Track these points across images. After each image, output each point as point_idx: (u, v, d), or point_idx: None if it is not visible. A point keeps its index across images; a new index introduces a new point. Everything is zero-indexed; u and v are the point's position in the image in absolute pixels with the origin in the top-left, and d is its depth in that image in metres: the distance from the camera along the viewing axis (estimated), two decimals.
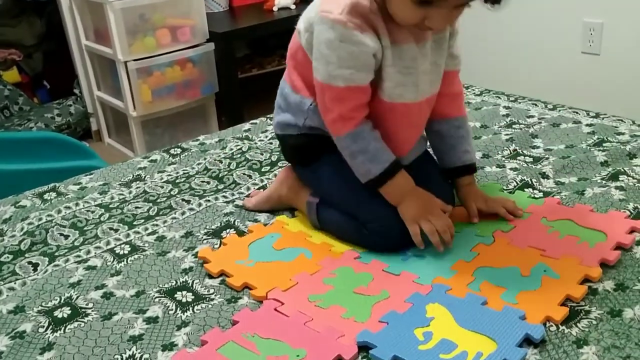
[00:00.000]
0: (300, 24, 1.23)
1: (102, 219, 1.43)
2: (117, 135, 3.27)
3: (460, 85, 1.33)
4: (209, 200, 1.46)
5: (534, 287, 1.04)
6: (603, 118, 1.70)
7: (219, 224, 1.35)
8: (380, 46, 1.13)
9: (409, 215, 1.17)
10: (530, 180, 1.42)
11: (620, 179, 1.38)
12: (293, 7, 3.18)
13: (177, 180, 1.58)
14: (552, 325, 0.97)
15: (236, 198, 1.47)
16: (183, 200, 1.48)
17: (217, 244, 1.28)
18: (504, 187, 1.40)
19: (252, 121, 1.92)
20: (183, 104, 3.00)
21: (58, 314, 1.10)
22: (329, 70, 1.13)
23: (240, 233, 1.31)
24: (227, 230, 1.33)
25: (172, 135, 3.07)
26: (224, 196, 1.48)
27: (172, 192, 1.52)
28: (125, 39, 2.75)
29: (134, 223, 1.40)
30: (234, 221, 1.36)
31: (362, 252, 1.20)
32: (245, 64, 3.39)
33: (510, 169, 1.48)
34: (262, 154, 1.67)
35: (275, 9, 3.17)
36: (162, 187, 1.55)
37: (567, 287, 1.02)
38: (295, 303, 1.05)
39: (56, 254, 1.30)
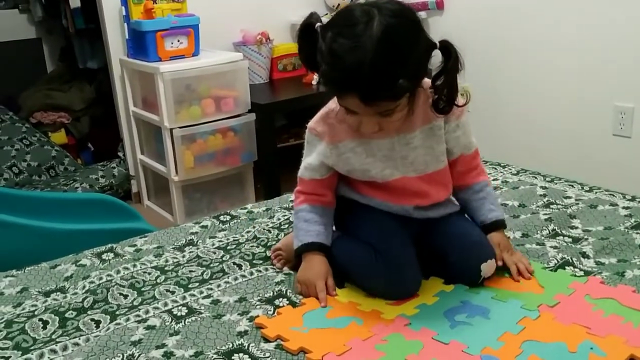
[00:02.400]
0: None
1: (158, 280, 1.50)
2: (156, 197, 3.38)
3: (475, 161, 1.49)
4: (260, 271, 1.52)
5: None
6: (639, 202, 1.76)
7: (271, 293, 1.41)
8: (328, 151, 1.41)
9: (298, 275, 1.42)
10: (571, 259, 1.47)
11: None
12: None
13: (228, 247, 1.65)
14: None
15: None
16: (234, 264, 1.55)
17: (270, 310, 1.34)
18: (545, 265, 1.45)
19: None
20: (222, 170, 3.10)
21: None
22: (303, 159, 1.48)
23: (293, 303, 1.37)
24: (280, 299, 1.39)
25: (210, 200, 3.17)
26: (272, 267, 1.54)
27: (223, 258, 1.59)
28: (172, 108, 2.89)
29: (189, 286, 1.46)
30: (286, 291, 1.42)
31: (412, 319, 1.26)
32: (283, 133, 3.51)
33: (551, 247, 1.54)
34: None
35: (314, 82, 3.30)
36: (214, 252, 1.63)
37: None
38: None
39: (117, 312, 1.37)
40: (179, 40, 2.97)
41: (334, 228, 1.50)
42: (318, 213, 1.45)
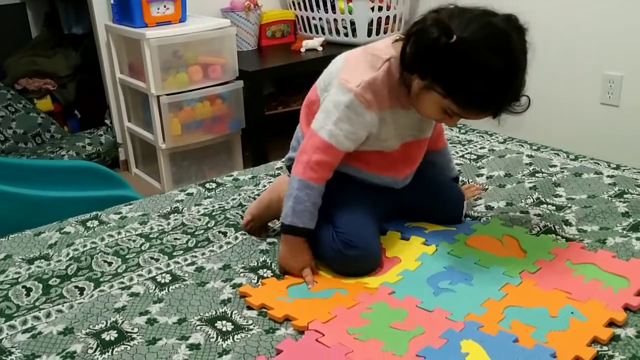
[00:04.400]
0: (320, 82, 1.42)
1: (142, 248, 1.50)
2: (143, 165, 3.36)
3: (440, 125, 1.60)
4: (245, 234, 1.53)
5: (563, 327, 1.10)
6: (624, 170, 1.77)
7: (255, 262, 1.41)
8: (376, 121, 1.34)
9: (281, 262, 1.38)
10: (554, 226, 1.48)
11: None
12: (320, 49, 3.28)
13: (214, 213, 1.65)
14: None
15: (270, 235, 1.54)
16: (219, 232, 1.55)
17: (254, 278, 1.35)
18: (528, 231, 1.46)
19: (283, 159, 2.00)
20: (210, 138, 3.08)
21: (105, 336, 1.17)
22: (325, 122, 1.33)
23: (277, 276, 1.37)
24: (264, 270, 1.38)
25: (197, 168, 3.15)
26: None
27: (208, 225, 1.59)
28: (159, 74, 2.85)
29: (174, 253, 1.46)
30: (270, 262, 1.41)
31: (396, 287, 1.26)
32: (271, 101, 3.49)
33: (534, 214, 1.54)
34: None
35: (302, 50, 3.27)
36: (199, 219, 1.62)
37: (594, 329, 1.08)
38: (335, 335, 1.12)
39: (101, 279, 1.37)
40: (165, 6, 2.92)
41: None
42: (321, 199, 1.37)
